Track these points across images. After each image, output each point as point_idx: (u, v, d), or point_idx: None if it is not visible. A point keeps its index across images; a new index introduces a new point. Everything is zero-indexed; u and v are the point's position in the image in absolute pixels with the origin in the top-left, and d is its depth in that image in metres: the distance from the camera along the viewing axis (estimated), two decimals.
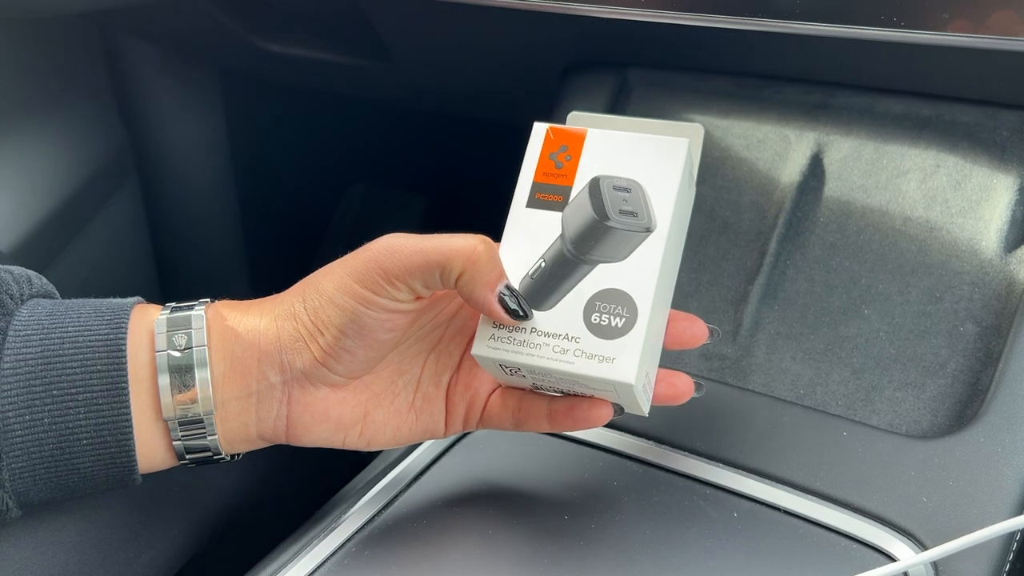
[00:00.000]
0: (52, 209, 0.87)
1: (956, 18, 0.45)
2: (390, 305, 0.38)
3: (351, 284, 0.38)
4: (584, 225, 0.40)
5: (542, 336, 0.39)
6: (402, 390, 0.42)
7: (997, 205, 0.52)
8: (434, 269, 0.38)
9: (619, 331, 0.39)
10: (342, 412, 0.41)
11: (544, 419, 0.41)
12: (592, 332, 0.39)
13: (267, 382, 0.39)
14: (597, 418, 0.41)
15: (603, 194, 0.40)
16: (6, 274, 0.40)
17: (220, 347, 0.39)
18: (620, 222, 0.40)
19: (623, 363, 0.38)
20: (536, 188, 0.41)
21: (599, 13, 0.53)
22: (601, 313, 0.39)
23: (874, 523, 0.43)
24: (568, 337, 0.39)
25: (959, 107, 0.54)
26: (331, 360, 0.39)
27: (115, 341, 0.38)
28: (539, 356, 0.39)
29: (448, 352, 0.43)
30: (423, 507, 0.45)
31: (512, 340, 0.39)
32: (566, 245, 0.40)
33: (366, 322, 0.38)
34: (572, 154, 0.41)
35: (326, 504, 0.47)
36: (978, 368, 0.48)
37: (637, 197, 0.40)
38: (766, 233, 0.55)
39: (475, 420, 0.43)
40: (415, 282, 0.38)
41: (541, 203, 0.41)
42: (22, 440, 0.37)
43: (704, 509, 0.44)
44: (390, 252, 0.38)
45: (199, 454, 0.40)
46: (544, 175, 0.41)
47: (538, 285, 0.40)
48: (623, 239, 0.40)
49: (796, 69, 0.58)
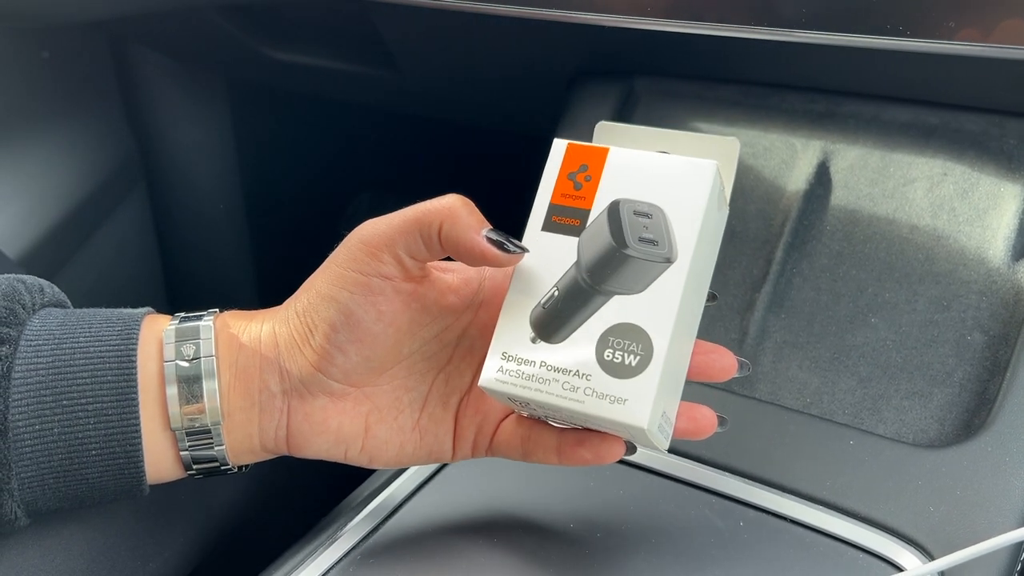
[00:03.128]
0: (61, 216, 0.87)
1: (962, 27, 0.45)
2: (376, 284, 0.38)
3: (337, 271, 0.38)
4: (601, 252, 0.38)
5: (552, 371, 0.37)
6: (407, 407, 0.42)
7: (1004, 213, 0.52)
8: (413, 229, 0.37)
9: (633, 370, 0.36)
10: (341, 423, 0.40)
11: (553, 452, 0.40)
12: (604, 370, 0.37)
13: (268, 391, 0.40)
14: (608, 455, 0.39)
15: (622, 219, 0.38)
16: (19, 284, 0.40)
17: (227, 357, 0.40)
18: (639, 251, 0.37)
19: (636, 405, 0.36)
20: (552, 211, 0.39)
21: (606, 23, 0.53)
22: (614, 349, 0.37)
23: (881, 532, 0.43)
24: (579, 374, 0.37)
25: (966, 115, 0.54)
26: (325, 363, 0.39)
27: (125, 352, 0.38)
28: (548, 392, 0.37)
29: (458, 373, 0.42)
30: (428, 516, 0.45)
31: (521, 374, 0.37)
32: (581, 273, 0.38)
33: (353, 310, 0.38)
34: (592, 174, 0.39)
35: (330, 514, 0.47)
36: (985, 377, 0.48)
37: (659, 224, 0.38)
38: (772, 241, 0.55)
39: (484, 447, 0.42)
40: (398, 248, 0.38)
41: (557, 227, 0.39)
42: (31, 450, 0.37)
43: (710, 518, 0.44)
44: (370, 227, 0.38)
45: (207, 464, 0.40)
46: (562, 196, 0.39)
47: (550, 315, 0.38)
48: (641, 269, 0.37)
49: (802, 77, 0.58)
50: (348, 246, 0.39)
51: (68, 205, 0.88)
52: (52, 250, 0.86)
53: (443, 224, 0.37)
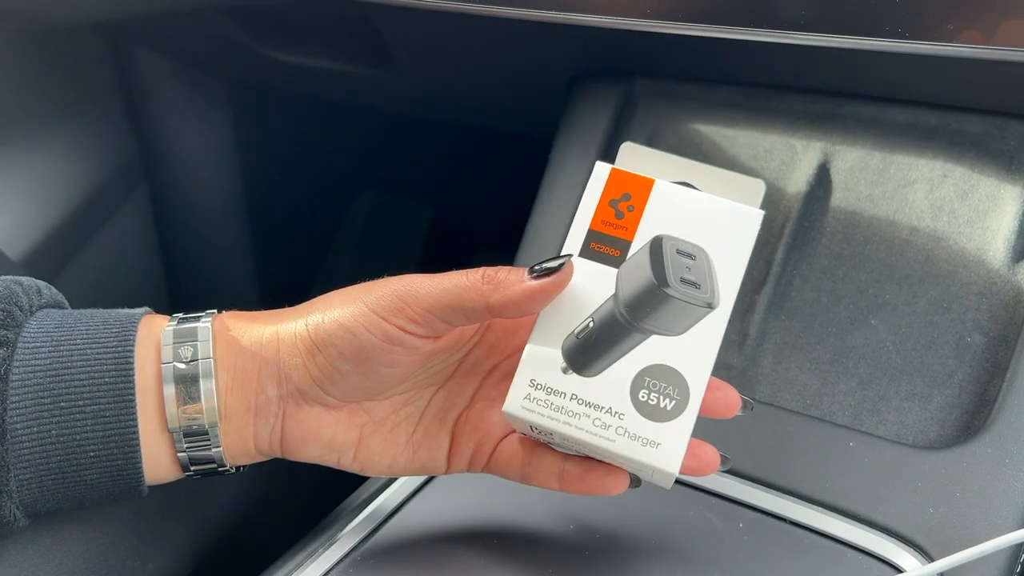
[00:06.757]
0: (62, 218, 0.87)
1: (962, 29, 0.45)
2: (397, 336, 0.38)
3: (364, 309, 0.38)
4: (640, 288, 0.37)
5: (583, 405, 0.36)
6: (403, 421, 0.41)
7: (1004, 215, 0.52)
8: (456, 304, 0.37)
9: (668, 414, 0.36)
10: (335, 433, 0.40)
11: (555, 479, 0.40)
12: (638, 411, 0.36)
13: (265, 396, 0.39)
14: (613, 488, 0.39)
15: (665, 257, 0.37)
16: (16, 285, 0.40)
17: (225, 359, 0.40)
18: (680, 292, 0.36)
19: (669, 450, 0.35)
20: (591, 237, 0.38)
21: (606, 24, 0.53)
22: (650, 391, 0.36)
23: (880, 534, 0.43)
24: (612, 412, 0.36)
25: (966, 117, 0.54)
26: (325, 380, 0.39)
27: (123, 353, 0.38)
28: (577, 427, 0.36)
29: (458, 390, 0.42)
30: (427, 519, 0.45)
31: (550, 404, 0.36)
32: (619, 307, 0.37)
33: (368, 350, 0.38)
34: (635, 204, 0.38)
35: (329, 515, 0.47)
36: (985, 379, 0.48)
37: (702, 267, 0.37)
38: (772, 243, 0.55)
39: (482, 464, 0.42)
40: (435, 318, 0.37)
41: (596, 254, 0.37)
42: (30, 451, 0.37)
43: (710, 520, 0.44)
44: (410, 287, 0.37)
45: (204, 465, 0.40)
46: (602, 223, 0.38)
47: (584, 346, 0.37)
48: (681, 311, 0.36)
49: (802, 79, 0.58)
50: (384, 294, 0.38)
51: (70, 206, 0.88)
52: (54, 251, 0.87)
53: (489, 296, 0.36)
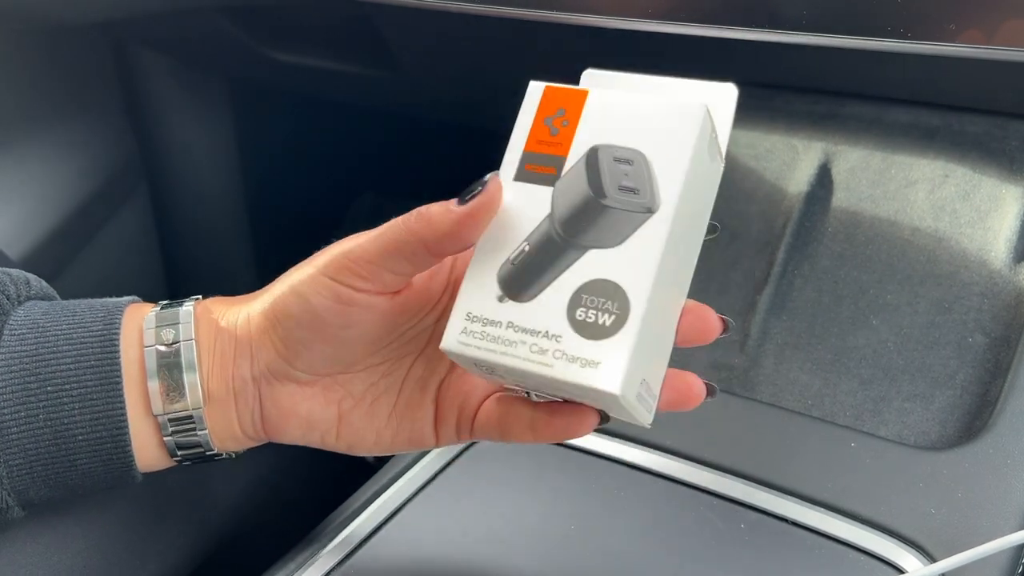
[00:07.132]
0: (63, 217, 0.87)
1: (964, 29, 0.45)
2: (346, 295, 0.37)
3: (313, 272, 0.37)
4: (577, 203, 0.34)
5: (519, 332, 0.33)
6: (383, 394, 0.40)
7: (1006, 215, 0.51)
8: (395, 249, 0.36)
9: (607, 330, 0.32)
10: (311, 409, 0.39)
11: (528, 429, 0.38)
12: (576, 330, 0.33)
13: (241, 377, 0.39)
14: (579, 428, 0.37)
15: (601, 167, 0.34)
16: (4, 276, 0.40)
17: (206, 342, 0.39)
18: (618, 200, 0.33)
19: (608, 369, 0.32)
20: (526, 159, 0.36)
21: (607, 24, 0.53)
22: (588, 308, 0.33)
23: (882, 535, 0.42)
24: (548, 335, 0.33)
25: (968, 117, 0.54)
26: (290, 354, 0.38)
27: (108, 336, 0.38)
28: (514, 356, 0.33)
29: (438, 355, 0.40)
30: (428, 519, 0.45)
31: (485, 335, 0.34)
32: (554, 226, 0.34)
33: (320, 313, 0.37)
34: (570, 118, 0.35)
35: (332, 513, 0.47)
36: (987, 379, 0.48)
37: (640, 171, 0.34)
38: (774, 243, 0.55)
39: (467, 429, 0.40)
40: (382, 268, 0.36)
41: (531, 176, 0.35)
42: (18, 436, 0.37)
43: (711, 520, 0.44)
44: (353, 243, 0.37)
45: (191, 450, 0.40)
46: (536, 143, 0.36)
47: (518, 272, 0.34)
48: (620, 220, 0.34)
49: (804, 79, 0.58)
50: (331, 254, 0.37)
51: (70, 206, 0.88)
52: (54, 250, 0.87)
53: (422, 233, 0.35)
